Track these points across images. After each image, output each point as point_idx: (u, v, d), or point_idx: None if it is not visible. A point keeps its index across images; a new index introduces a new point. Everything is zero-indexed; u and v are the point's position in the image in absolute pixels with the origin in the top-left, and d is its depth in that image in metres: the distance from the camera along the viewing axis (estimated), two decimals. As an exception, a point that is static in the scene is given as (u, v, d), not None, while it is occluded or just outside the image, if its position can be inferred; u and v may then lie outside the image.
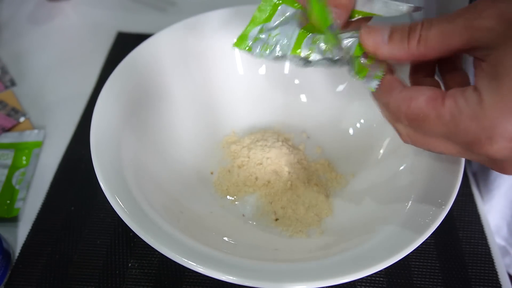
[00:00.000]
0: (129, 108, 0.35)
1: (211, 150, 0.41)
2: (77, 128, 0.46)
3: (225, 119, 0.43)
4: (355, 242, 0.30)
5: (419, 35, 0.22)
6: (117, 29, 0.59)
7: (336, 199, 0.37)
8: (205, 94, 0.42)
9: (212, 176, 0.39)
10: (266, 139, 0.39)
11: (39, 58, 0.55)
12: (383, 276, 0.35)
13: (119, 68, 0.36)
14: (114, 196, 0.28)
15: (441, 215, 0.28)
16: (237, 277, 0.25)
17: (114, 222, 0.38)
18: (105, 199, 0.28)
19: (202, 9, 0.42)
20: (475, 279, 0.35)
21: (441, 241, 0.37)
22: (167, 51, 0.39)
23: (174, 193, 0.35)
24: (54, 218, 0.39)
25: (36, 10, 0.62)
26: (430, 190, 0.31)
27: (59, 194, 0.40)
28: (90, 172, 0.42)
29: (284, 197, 0.37)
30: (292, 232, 0.34)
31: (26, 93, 0.50)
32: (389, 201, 0.33)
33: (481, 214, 0.40)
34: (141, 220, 0.28)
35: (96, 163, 0.29)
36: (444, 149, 0.23)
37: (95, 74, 0.52)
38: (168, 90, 0.40)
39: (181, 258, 0.25)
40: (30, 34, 0.58)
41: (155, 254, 0.36)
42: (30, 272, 0.35)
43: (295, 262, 0.29)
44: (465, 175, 0.43)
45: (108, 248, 0.37)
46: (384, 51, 0.23)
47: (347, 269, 0.26)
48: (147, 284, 0.35)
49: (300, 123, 0.44)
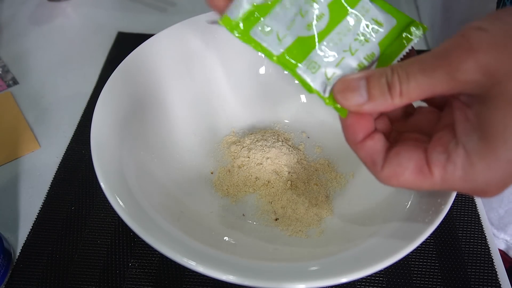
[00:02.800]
0: (129, 108, 0.35)
1: (211, 150, 0.41)
2: (77, 128, 0.46)
3: (225, 119, 0.43)
4: (355, 242, 0.30)
5: (399, 90, 0.20)
6: (118, 29, 0.59)
7: (336, 199, 0.37)
8: (205, 94, 0.42)
9: (212, 176, 0.39)
10: (266, 139, 0.39)
11: (39, 58, 0.55)
12: (383, 276, 0.36)
13: (119, 68, 0.36)
14: (114, 196, 0.28)
15: (440, 215, 0.28)
16: (237, 277, 0.25)
17: (114, 222, 0.38)
18: (105, 199, 0.28)
19: (202, 9, 0.42)
20: (474, 279, 0.35)
21: (441, 241, 0.37)
22: (167, 51, 0.40)
23: (174, 193, 0.35)
24: (55, 218, 0.39)
25: (36, 10, 0.62)
26: (429, 190, 0.31)
27: (59, 194, 0.40)
28: (90, 172, 0.42)
29: (284, 197, 0.37)
30: (292, 232, 0.34)
31: (26, 93, 0.50)
32: (389, 201, 0.33)
33: (480, 214, 0.40)
34: (141, 220, 0.28)
35: (96, 163, 0.29)
36: None
37: (96, 74, 0.52)
38: (168, 90, 0.40)
39: (181, 258, 0.25)
40: (31, 34, 0.58)
41: (155, 254, 0.36)
42: (30, 272, 0.35)
43: (295, 261, 0.29)
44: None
45: (108, 248, 0.37)
46: (367, 108, 0.22)
47: (347, 269, 0.26)
48: (147, 284, 0.35)
49: (300, 123, 0.44)
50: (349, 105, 0.22)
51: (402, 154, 0.22)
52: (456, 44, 0.19)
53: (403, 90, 0.20)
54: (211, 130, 0.42)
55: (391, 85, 0.21)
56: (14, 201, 0.40)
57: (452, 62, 0.19)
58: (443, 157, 0.21)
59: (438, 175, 0.21)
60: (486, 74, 0.18)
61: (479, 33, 0.19)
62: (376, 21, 0.25)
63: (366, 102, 0.22)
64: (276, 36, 0.25)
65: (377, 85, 0.21)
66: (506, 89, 0.18)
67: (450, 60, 0.19)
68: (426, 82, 0.20)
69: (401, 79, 0.20)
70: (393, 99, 0.21)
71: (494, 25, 0.19)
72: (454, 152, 0.20)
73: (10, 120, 0.47)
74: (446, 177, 0.21)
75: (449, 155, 0.20)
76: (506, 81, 0.18)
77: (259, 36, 0.26)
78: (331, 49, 0.25)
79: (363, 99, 0.22)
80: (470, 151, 0.20)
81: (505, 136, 0.18)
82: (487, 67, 0.18)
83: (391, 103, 0.21)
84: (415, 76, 0.20)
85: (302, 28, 0.26)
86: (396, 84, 0.20)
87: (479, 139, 0.19)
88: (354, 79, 0.22)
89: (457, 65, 0.19)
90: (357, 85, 0.22)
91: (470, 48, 0.18)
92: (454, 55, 0.19)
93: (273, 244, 0.33)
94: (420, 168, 0.21)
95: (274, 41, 0.26)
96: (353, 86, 0.22)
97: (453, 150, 0.20)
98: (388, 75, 0.21)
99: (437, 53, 0.19)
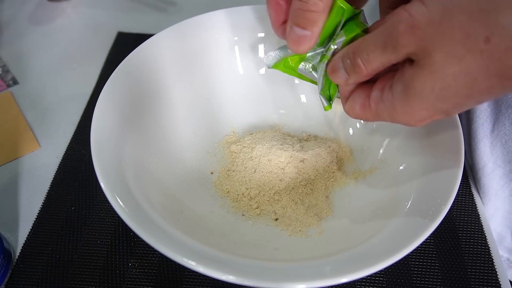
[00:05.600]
0: (129, 108, 0.35)
1: (211, 150, 0.41)
2: (77, 128, 0.46)
3: (225, 119, 0.43)
4: (355, 242, 0.30)
5: (363, 66, 0.26)
6: (117, 29, 0.59)
7: (336, 199, 0.37)
8: (205, 94, 0.42)
9: (212, 176, 0.39)
10: (266, 139, 0.39)
11: (39, 58, 0.55)
12: (383, 275, 0.36)
13: (119, 68, 0.36)
14: (114, 196, 0.28)
15: (440, 215, 0.28)
16: (237, 277, 0.25)
17: (114, 222, 0.38)
18: (105, 199, 0.28)
19: (202, 9, 0.42)
20: (474, 279, 0.35)
21: (441, 241, 0.37)
22: (167, 52, 0.40)
23: (174, 193, 0.35)
24: (55, 218, 0.39)
25: (37, 10, 0.62)
26: (429, 190, 0.31)
27: (59, 194, 0.40)
28: (90, 172, 0.42)
29: (284, 197, 0.37)
30: (292, 231, 0.34)
31: (26, 93, 0.50)
32: (389, 201, 0.33)
33: (480, 214, 0.40)
34: (141, 220, 0.28)
35: (96, 163, 0.30)
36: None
37: (96, 74, 0.52)
38: (168, 90, 0.40)
39: (181, 258, 0.25)
40: (31, 34, 0.58)
41: (155, 254, 0.36)
42: (30, 272, 0.35)
43: (295, 262, 0.29)
44: (464, 175, 0.43)
45: (108, 248, 0.37)
46: (351, 82, 0.28)
47: (347, 269, 0.26)
48: (147, 284, 0.35)
49: (300, 123, 0.44)
50: (339, 81, 0.29)
51: (356, 92, 0.29)
52: (402, 19, 0.23)
53: (366, 66, 0.26)
54: (211, 130, 0.42)
55: (356, 64, 0.26)
56: (14, 201, 0.40)
57: (398, 39, 0.23)
58: (378, 95, 0.27)
59: (373, 108, 0.27)
60: (421, 47, 0.23)
61: (421, 8, 0.22)
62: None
63: (347, 78, 0.28)
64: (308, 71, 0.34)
65: (347, 66, 0.27)
66: (432, 61, 0.22)
67: (396, 37, 0.23)
68: (382, 56, 0.25)
69: (362, 58, 0.26)
70: (362, 74, 0.26)
71: (434, 1, 0.22)
72: (386, 93, 0.26)
73: (10, 120, 0.47)
74: (378, 111, 0.27)
75: (382, 95, 0.26)
76: (434, 54, 0.22)
77: (303, 72, 0.34)
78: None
79: (345, 76, 0.28)
80: (395, 97, 0.25)
81: (421, 96, 0.24)
82: (423, 41, 0.22)
83: (363, 77, 0.27)
84: (373, 53, 0.25)
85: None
86: (359, 63, 0.26)
87: (402, 91, 0.25)
88: (336, 59, 0.29)
89: (402, 41, 0.23)
90: (338, 66, 0.28)
91: (412, 25, 0.22)
92: (399, 31, 0.23)
93: (273, 244, 0.33)
94: (364, 103, 0.28)
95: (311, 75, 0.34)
96: (336, 66, 0.28)
97: (386, 91, 0.26)
98: (350, 57, 0.27)
99: (387, 30, 0.24)
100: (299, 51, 0.30)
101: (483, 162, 0.41)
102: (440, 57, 0.22)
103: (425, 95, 0.24)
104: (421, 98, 0.24)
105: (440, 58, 0.22)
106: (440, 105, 0.24)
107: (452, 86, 0.23)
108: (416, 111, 0.25)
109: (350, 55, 0.27)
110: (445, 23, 0.21)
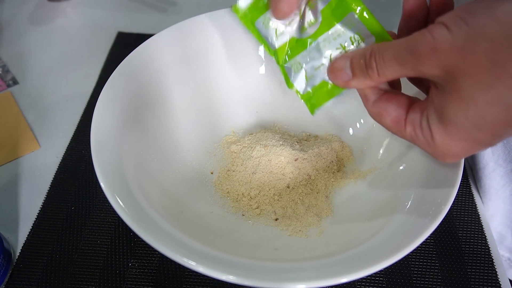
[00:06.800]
0: (129, 108, 0.35)
1: (211, 150, 0.41)
2: (77, 128, 0.46)
3: (225, 119, 0.43)
4: (355, 242, 0.30)
5: (377, 72, 0.25)
6: (118, 29, 0.59)
7: (336, 199, 0.37)
8: (205, 94, 0.42)
9: (212, 176, 0.39)
10: (266, 139, 0.39)
11: (39, 58, 0.55)
12: (383, 275, 0.36)
13: (119, 68, 0.36)
14: (114, 196, 0.28)
15: (440, 215, 0.28)
16: (237, 277, 0.25)
17: (114, 222, 0.38)
18: (105, 199, 0.28)
19: (202, 9, 0.42)
20: (474, 279, 0.35)
21: (441, 241, 0.38)
22: (167, 52, 0.40)
23: (174, 193, 0.35)
24: (55, 218, 0.39)
25: (36, 10, 0.62)
26: (429, 190, 0.31)
27: (59, 194, 0.40)
28: (90, 172, 0.42)
29: (284, 197, 0.37)
30: (292, 231, 0.34)
31: (26, 93, 0.50)
32: (389, 201, 0.33)
33: (480, 214, 0.40)
34: (141, 220, 0.28)
35: (96, 163, 0.30)
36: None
37: (96, 74, 0.52)
38: (168, 90, 0.40)
39: (181, 258, 0.25)
40: (31, 34, 0.58)
41: (155, 254, 0.36)
42: (30, 272, 0.35)
43: (295, 262, 0.29)
44: (464, 175, 0.43)
45: (108, 248, 0.37)
46: (353, 84, 0.28)
47: (347, 269, 0.26)
48: (147, 284, 0.35)
49: (300, 123, 0.44)
50: (338, 82, 0.28)
51: (392, 102, 0.27)
52: (424, 40, 0.22)
53: (379, 72, 0.25)
54: (211, 130, 0.42)
55: (368, 67, 0.26)
56: (14, 201, 0.40)
57: (419, 58, 0.23)
58: (417, 120, 0.26)
59: (408, 132, 0.26)
60: (446, 72, 0.22)
61: (444, 32, 0.22)
62: (359, 36, 0.28)
63: (351, 79, 0.27)
64: (275, 31, 0.29)
65: (358, 66, 0.26)
66: (460, 86, 0.22)
67: (417, 55, 0.23)
68: (398, 69, 0.24)
69: (378, 63, 0.25)
70: (372, 78, 0.26)
71: (458, 26, 0.21)
72: (424, 121, 0.25)
73: (10, 120, 0.47)
74: (414, 137, 0.26)
75: (420, 121, 0.25)
76: (461, 80, 0.22)
77: (261, 28, 0.30)
78: (315, 55, 0.29)
79: (348, 77, 0.27)
80: (432, 127, 0.25)
81: (457, 125, 0.23)
82: (447, 66, 0.22)
83: (371, 81, 0.26)
84: (390, 63, 0.24)
85: (298, 29, 0.28)
86: (374, 66, 0.25)
87: (438, 120, 0.24)
88: (341, 59, 0.28)
89: (423, 61, 0.23)
90: (343, 65, 0.27)
91: (434, 48, 0.22)
92: (421, 51, 0.23)
93: (273, 244, 0.33)
94: (398, 120, 0.27)
95: (272, 35, 0.28)
96: (340, 66, 0.28)
97: (423, 119, 0.25)
98: (366, 57, 0.26)
99: (408, 46, 0.23)
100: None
101: (484, 162, 0.41)
102: (468, 83, 0.22)
103: (460, 122, 0.23)
104: (456, 126, 0.23)
105: (468, 84, 0.22)
106: (478, 134, 0.23)
107: (487, 114, 0.22)
108: (454, 141, 0.24)
109: (367, 55, 0.26)
110: (468, 49, 0.21)
